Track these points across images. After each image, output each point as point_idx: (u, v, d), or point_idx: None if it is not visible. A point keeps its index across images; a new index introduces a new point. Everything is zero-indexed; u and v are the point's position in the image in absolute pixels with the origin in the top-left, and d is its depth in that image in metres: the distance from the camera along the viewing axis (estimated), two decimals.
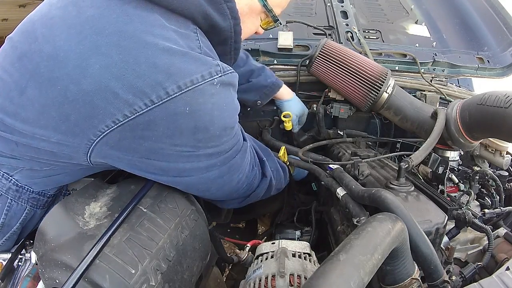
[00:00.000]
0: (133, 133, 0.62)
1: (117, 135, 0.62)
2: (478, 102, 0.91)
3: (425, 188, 0.86)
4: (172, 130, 0.64)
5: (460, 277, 0.77)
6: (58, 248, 0.63)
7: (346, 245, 0.51)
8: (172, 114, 0.62)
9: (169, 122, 0.62)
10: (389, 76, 1.13)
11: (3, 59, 0.67)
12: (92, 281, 0.58)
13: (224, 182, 0.81)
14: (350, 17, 1.60)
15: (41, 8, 0.69)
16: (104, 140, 0.63)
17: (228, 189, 0.85)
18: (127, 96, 0.59)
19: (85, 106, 0.60)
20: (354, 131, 1.38)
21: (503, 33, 1.56)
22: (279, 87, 1.27)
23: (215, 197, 0.88)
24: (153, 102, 0.60)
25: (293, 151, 1.22)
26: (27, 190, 0.77)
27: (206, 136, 0.68)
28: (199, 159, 0.71)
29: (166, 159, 0.69)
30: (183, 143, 0.67)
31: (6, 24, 3.17)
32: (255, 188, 0.94)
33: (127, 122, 0.61)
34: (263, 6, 0.83)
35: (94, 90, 0.59)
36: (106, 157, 0.68)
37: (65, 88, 0.60)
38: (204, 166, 0.73)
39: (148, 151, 0.66)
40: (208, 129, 0.67)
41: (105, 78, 0.59)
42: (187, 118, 0.63)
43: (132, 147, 0.65)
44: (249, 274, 0.72)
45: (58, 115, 0.61)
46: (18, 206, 0.78)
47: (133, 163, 0.70)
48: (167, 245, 0.69)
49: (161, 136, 0.64)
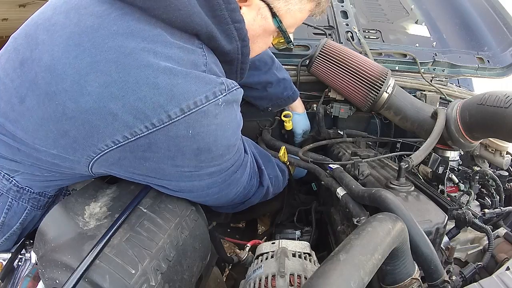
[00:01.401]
0: (134, 154, 0.61)
1: (117, 155, 0.61)
2: (478, 102, 0.91)
3: (425, 188, 0.86)
4: (174, 152, 0.62)
5: (460, 277, 0.77)
6: (58, 248, 0.63)
7: (346, 245, 0.51)
8: (174, 137, 0.60)
9: (171, 144, 0.61)
10: (389, 76, 1.13)
11: (6, 61, 0.65)
12: (92, 281, 0.58)
13: (221, 196, 0.81)
14: (350, 17, 1.60)
15: (46, 10, 0.67)
16: (104, 157, 0.62)
17: (224, 200, 0.85)
18: (127, 118, 0.57)
19: (83, 125, 0.58)
20: (354, 131, 1.37)
21: (503, 33, 1.56)
22: (294, 100, 1.27)
23: (209, 204, 0.88)
24: (154, 126, 0.58)
25: (293, 151, 1.22)
26: (27, 191, 0.77)
27: (209, 156, 0.67)
28: (201, 178, 0.71)
29: (168, 178, 0.69)
30: (185, 164, 0.66)
31: (6, 24, 3.17)
32: (250, 196, 0.93)
33: (127, 144, 0.59)
34: (278, 27, 0.78)
35: (92, 109, 0.57)
36: (108, 170, 0.67)
37: (63, 104, 0.58)
38: (205, 184, 0.73)
39: (149, 170, 0.66)
40: (211, 150, 0.66)
41: (104, 98, 0.57)
42: (190, 141, 0.62)
43: (133, 166, 0.64)
44: (249, 274, 0.72)
45: (57, 130, 0.60)
46: (19, 206, 0.78)
47: (134, 179, 0.70)
48: (167, 245, 0.69)
49: (162, 158, 0.63)
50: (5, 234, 0.79)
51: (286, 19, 0.77)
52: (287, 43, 0.85)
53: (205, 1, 0.65)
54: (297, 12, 0.78)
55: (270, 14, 0.75)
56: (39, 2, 2.89)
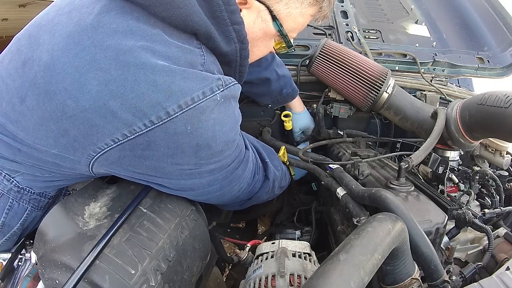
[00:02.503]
0: (133, 152, 0.61)
1: (117, 153, 0.61)
2: (478, 102, 0.91)
3: (425, 188, 0.86)
4: (173, 150, 0.62)
5: (460, 277, 0.77)
6: (58, 248, 0.63)
7: (346, 245, 0.51)
8: (173, 134, 0.60)
9: (170, 142, 0.61)
10: (389, 76, 1.13)
11: (9, 62, 0.66)
12: (92, 282, 0.58)
13: (223, 193, 0.80)
14: (350, 17, 1.60)
15: (50, 11, 0.68)
16: (104, 156, 0.62)
17: (228, 198, 0.84)
18: (126, 116, 0.58)
19: (83, 124, 0.58)
20: (354, 131, 1.37)
21: (503, 33, 1.56)
22: (293, 98, 1.27)
23: (212, 202, 0.87)
24: (152, 123, 0.58)
25: (293, 151, 1.22)
26: (28, 192, 0.77)
27: (209, 153, 0.67)
28: (201, 175, 0.70)
29: (168, 176, 0.69)
30: (185, 162, 0.66)
31: (6, 24, 3.16)
32: (257, 191, 0.93)
33: (126, 142, 0.59)
34: (278, 31, 0.78)
35: (92, 107, 0.57)
36: (108, 170, 0.67)
37: (63, 103, 0.58)
38: (206, 182, 0.73)
39: (149, 169, 0.66)
40: (211, 146, 0.66)
41: (104, 96, 0.57)
42: (188, 137, 0.62)
43: (133, 165, 0.65)
44: (249, 274, 0.72)
45: (57, 129, 0.60)
46: (20, 207, 0.78)
47: (135, 178, 0.70)
48: (167, 246, 0.69)
49: (162, 156, 0.63)
50: (5, 235, 0.79)
51: (286, 23, 0.77)
52: (288, 47, 0.85)
53: (205, 2, 0.65)
54: (298, 16, 0.77)
55: (270, 17, 0.75)
56: (39, 2, 2.89)
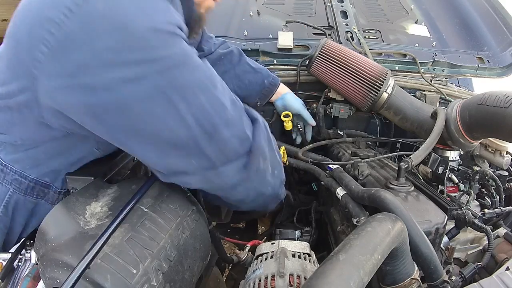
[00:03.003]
0: (64, 55, 0.60)
1: (52, 63, 0.61)
2: (478, 102, 0.91)
3: (425, 188, 0.86)
4: (90, 36, 0.59)
5: (460, 277, 0.77)
6: (59, 247, 0.63)
7: (345, 245, 0.51)
8: (89, 17, 0.59)
9: (87, 28, 0.59)
10: (389, 76, 1.13)
11: None
12: (93, 281, 0.58)
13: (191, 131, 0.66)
14: (350, 17, 1.61)
15: None
16: (46, 71, 0.61)
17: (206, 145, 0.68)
18: (48, 14, 0.60)
19: (21, 40, 0.64)
20: (354, 131, 1.38)
21: (503, 33, 1.57)
22: (277, 86, 1.27)
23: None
24: (70, 10, 0.58)
25: (293, 151, 1.22)
26: (10, 170, 0.77)
27: (126, 36, 0.60)
28: (129, 67, 0.61)
29: (92, 77, 0.61)
30: (102, 47, 0.60)
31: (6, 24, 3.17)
32: (252, 138, 0.74)
33: (56, 44, 0.59)
34: None
35: (23, 24, 0.65)
36: (55, 103, 0.65)
37: (14, 39, 0.66)
38: (133, 77, 0.61)
39: (77, 69, 0.61)
40: (127, 28, 0.59)
41: (25, 12, 0.65)
42: (102, 19, 0.59)
43: (66, 72, 0.61)
44: (249, 274, 0.73)
45: (9, 60, 0.67)
46: (2, 188, 0.78)
47: (80, 103, 0.63)
48: (168, 245, 0.69)
49: (82, 45, 0.60)
50: None
51: None
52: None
53: None
54: None
55: None
56: None
